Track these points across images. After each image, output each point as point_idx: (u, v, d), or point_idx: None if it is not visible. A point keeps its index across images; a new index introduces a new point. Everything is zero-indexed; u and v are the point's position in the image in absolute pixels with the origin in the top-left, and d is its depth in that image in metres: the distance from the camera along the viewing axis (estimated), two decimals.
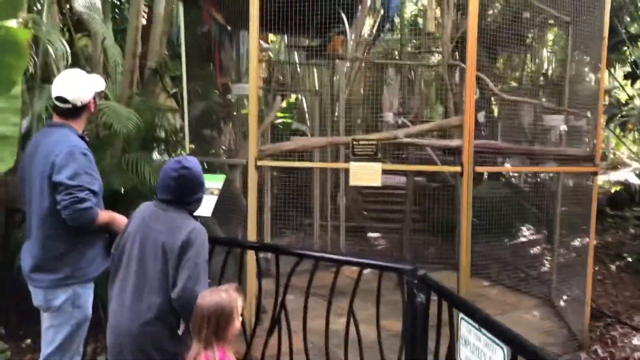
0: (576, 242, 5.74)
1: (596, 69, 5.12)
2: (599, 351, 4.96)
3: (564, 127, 4.97)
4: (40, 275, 2.93)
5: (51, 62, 5.60)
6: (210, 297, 2.46)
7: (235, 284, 2.63)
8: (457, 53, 5.56)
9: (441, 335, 2.56)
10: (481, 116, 4.23)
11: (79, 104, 3.05)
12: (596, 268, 7.67)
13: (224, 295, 2.47)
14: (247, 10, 4.30)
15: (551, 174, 6.42)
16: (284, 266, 3.46)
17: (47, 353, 2.99)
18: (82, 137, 3.09)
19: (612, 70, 10.36)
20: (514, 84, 7.91)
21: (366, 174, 4.22)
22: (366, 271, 3.02)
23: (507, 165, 5.69)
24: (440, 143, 4.79)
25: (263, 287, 3.56)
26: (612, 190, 11.50)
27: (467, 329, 2.23)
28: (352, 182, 4.25)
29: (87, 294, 3.05)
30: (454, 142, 4.58)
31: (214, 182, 3.64)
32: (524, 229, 8.82)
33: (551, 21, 6.12)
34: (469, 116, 4.06)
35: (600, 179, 15.55)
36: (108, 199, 5.20)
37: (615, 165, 13.83)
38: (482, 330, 2.10)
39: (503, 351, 1.97)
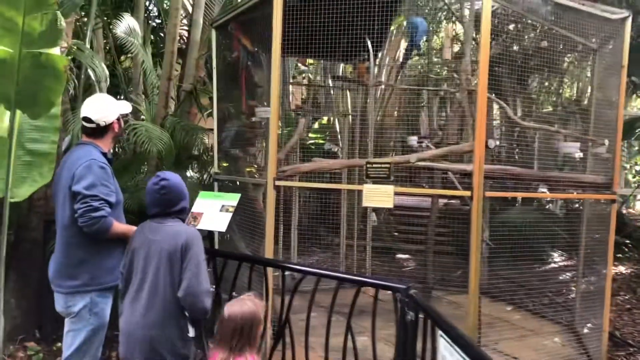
0: (603, 269, 5.70)
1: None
2: None
3: (579, 154, 5.00)
4: (61, 281, 3.17)
5: (94, 84, 6.01)
6: (240, 306, 2.64)
7: (255, 293, 2.86)
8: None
9: (429, 350, 2.67)
10: (492, 142, 4.32)
11: (102, 123, 3.31)
12: (626, 297, 7.53)
13: (252, 304, 2.67)
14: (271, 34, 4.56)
15: (577, 202, 6.40)
16: (306, 283, 3.63)
17: (66, 356, 3.22)
18: (105, 155, 3.31)
19: None
20: (549, 108, 7.93)
21: (379, 196, 4.37)
22: (389, 292, 3.08)
23: (541, 191, 5.75)
24: (455, 167, 4.89)
25: (286, 304, 3.66)
26: None
27: (444, 345, 2.35)
28: (365, 203, 4.41)
29: (105, 302, 3.25)
30: (469, 167, 4.68)
31: (229, 200, 3.86)
32: (554, 254, 8.74)
33: (579, 48, 6.15)
34: (479, 142, 4.17)
35: None
36: (140, 213, 5.55)
37: None
38: (454, 346, 2.22)
39: None
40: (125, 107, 3.49)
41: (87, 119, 3.29)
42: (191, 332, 2.97)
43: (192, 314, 2.89)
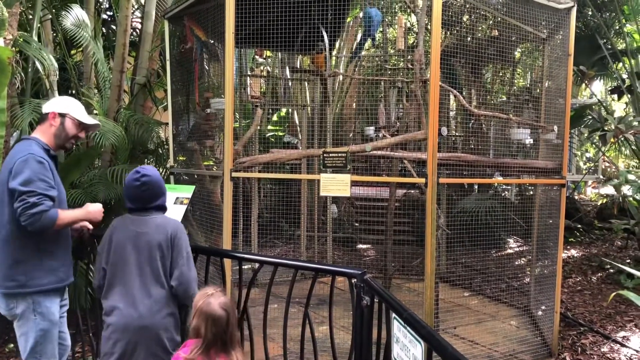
0: (556, 254, 5.88)
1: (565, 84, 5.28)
2: (567, 358, 5.08)
3: (529, 140, 5.13)
4: (2, 281, 3.04)
5: (42, 77, 5.83)
6: (216, 300, 2.60)
7: (214, 285, 2.87)
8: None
9: (384, 333, 2.71)
10: (445, 130, 4.40)
11: (43, 111, 3.29)
12: (577, 279, 7.80)
13: (222, 295, 2.67)
14: (224, 26, 4.52)
15: (531, 188, 6.57)
16: (265, 275, 3.64)
17: (23, 359, 3.13)
18: (47, 150, 3.17)
19: (600, 84, 10.53)
20: (502, 98, 8.10)
21: (336, 185, 4.39)
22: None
23: (498, 178, 5.88)
24: (411, 155, 4.95)
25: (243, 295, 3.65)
26: (599, 203, 11.60)
27: (397, 327, 2.39)
28: (323, 192, 4.42)
29: (50, 301, 3.13)
30: (424, 155, 4.75)
31: (184, 192, 3.82)
32: (509, 240, 8.98)
33: (530, 38, 6.29)
34: (432, 130, 4.24)
35: (591, 192, 15.73)
36: None
37: (609, 178, 13.95)
38: (407, 327, 2.26)
39: (421, 346, 2.13)
40: (85, 117, 3.35)
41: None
42: (189, 321, 3.02)
43: (183, 301, 2.97)
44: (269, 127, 10.46)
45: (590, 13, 9.39)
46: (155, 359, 2.86)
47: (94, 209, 3.28)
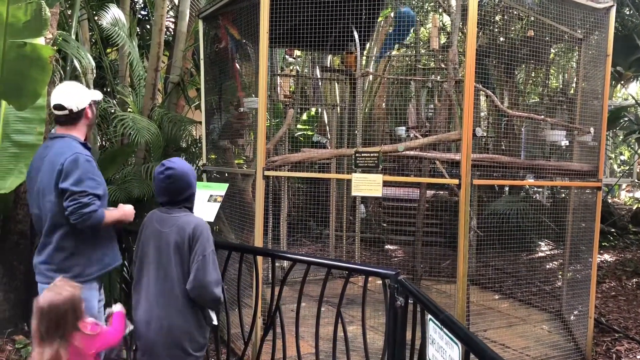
0: (589, 258, 5.78)
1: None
2: None
3: (565, 142, 5.04)
4: (51, 273, 3.13)
5: (80, 75, 5.96)
6: (56, 294, 2.55)
7: (64, 276, 2.81)
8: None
9: (419, 334, 2.70)
10: (479, 130, 4.35)
11: (74, 109, 3.20)
12: (611, 284, 7.64)
13: (69, 288, 2.60)
14: (258, 25, 4.55)
15: (563, 191, 6.47)
16: (296, 275, 3.65)
17: None
18: (84, 145, 3.26)
19: (636, 85, 10.28)
20: (535, 99, 7.99)
21: (367, 185, 4.39)
22: (380, 281, 3.08)
23: (530, 180, 5.81)
24: (443, 156, 4.92)
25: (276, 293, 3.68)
26: (634, 207, 11.33)
27: (433, 328, 2.38)
28: (354, 192, 4.42)
29: (92, 295, 3.21)
30: (457, 156, 4.71)
31: (217, 190, 3.86)
32: (541, 244, 8.84)
33: (565, 38, 6.20)
34: (467, 130, 4.21)
35: (625, 196, 15.39)
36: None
37: None
38: (444, 329, 2.25)
39: (458, 348, 2.12)
40: (96, 94, 3.40)
41: (59, 106, 3.17)
42: (215, 320, 3.02)
43: (202, 304, 2.90)
44: (298, 126, 10.50)
45: (628, 12, 9.19)
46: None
47: (128, 209, 3.36)
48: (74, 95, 3.23)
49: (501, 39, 5.98)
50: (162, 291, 2.87)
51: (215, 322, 3.02)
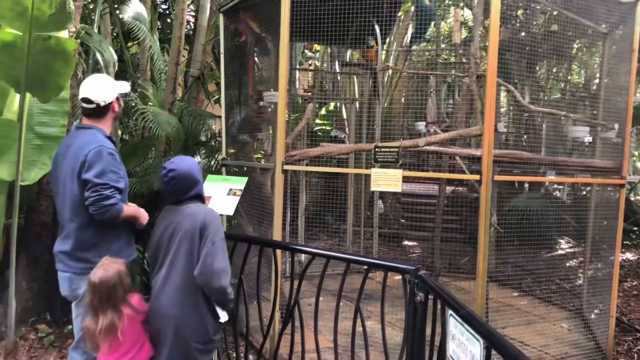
0: (610, 256, 5.70)
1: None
2: None
3: (588, 139, 4.97)
4: (71, 262, 3.19)
5: (102, 68, 6.02)
6: (104, 271, 2.87)
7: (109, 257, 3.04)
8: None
9: (439, 330, 2.69)
10: (501, 126, 4.31)
11: (102, 103, 3.26)
12: (633, 283, 7.53)
13: (116, 265, 2.92)
14: (279, 19, 4.55)
15: (584, 188, 6.38)
16: (314, 269, 3.65)
17: (77, 339, 3.27)
18: (109, 138, 3.31)
19: None
20: (557, 95, 7.88)
21: (387, 180, 4.37)
22: (398, 277, 3.10)
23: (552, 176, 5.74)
24: (464, 152, 4.88)
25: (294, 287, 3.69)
26: None
27: (454, 324, 2.36)
28: (373, 187, 4.41)
29: None
30: (478, 152, 4.67)
31: (237, 184, 3.87)
32: (562, 241, 8.73)
33: (588, 33, 6.10)
34: (488, 125, 4.16)
35: None
36: (148, 198, 5.58)
37: None
38: (465, 325, 2.23)
39: (480, 344, 2.10)
40: (123, 86, 3.44)
41: (87, 100, 3.24)
42: (223, 317, 3.03)
43: (209, 293, 2.92)
44: (317, 120, 10.49)
45: None
46: (178, 350, 2.89)
47: (143, 211, 3.43)
48: (102, 89, 3.29)
49: (522, 33, 5.89)
50: (170, 280, 2.93)
51: (222, 320, 3.02)
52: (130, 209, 3.29)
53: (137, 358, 2.91)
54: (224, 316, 3.04)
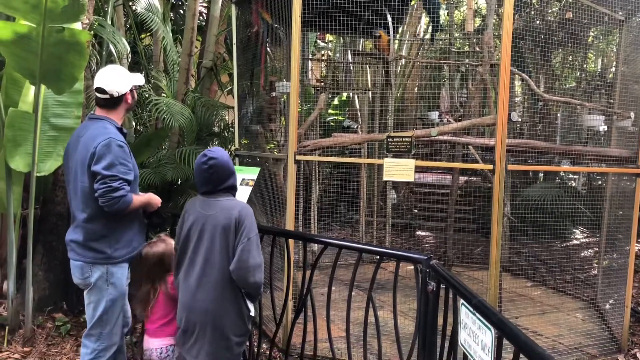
0: (625, 246, 5.66)
1: None
2: (638, 355, 4.89)
3: (603, 127, 4.91)
4: (83, 251, 3.22)
5: (115, 60, 6.05)
6: (152, 247, 3.33)
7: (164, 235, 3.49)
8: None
9: (450, 319, 2.69)
10: (515, 115, 4.27)
11: (115, 94, 3.27)
12: None
13: (162, 243, 3.35)
14: (291, 9, 4.53)
15: (600, 178, 6.31)
16: (326, 259, 3.66)
17: (89, 326, 3.31)
18: (120, 130, 3.32)
19: None
20: (572, 84, 7.80)
21: (399, 170, 4.37)
22: (410, 267, 3.09)
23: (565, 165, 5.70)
24: (477, 141, 4.85)
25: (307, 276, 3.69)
26: None
27: (465, 313, 2.37)
28: (385, 177, 4.41)
29: (121, 272, 3.30)
30: (492, 141, 4.64)
31: (249, 174, 3.89)
32: (576, 231, 8.66)
33: (604, 20, 6.02)
34: (502, 115, 4.14)
35: None
36: (162, 189, 5.62)
37: None
38: (476, 314, 2.23)
39: (491, 333, 2.10)
40: (138, 78, 3.45)
41: (101, 90, 3.25)
42: (252, 311, 3.04)
43: (244, 288, 2.91)
44: (329, 111, 10.48)
45: None
46: (219, 344, 2.89)
47: (155, 196, 3.47)
48: (116, 80, 3.30)
49: (537, 21, 5.82)
50: (204, 274, 2.90)
51: (252, 313, 3.03)
52: (140, 198, 3.31)
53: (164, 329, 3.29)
54: (252, 308, 3.05)
